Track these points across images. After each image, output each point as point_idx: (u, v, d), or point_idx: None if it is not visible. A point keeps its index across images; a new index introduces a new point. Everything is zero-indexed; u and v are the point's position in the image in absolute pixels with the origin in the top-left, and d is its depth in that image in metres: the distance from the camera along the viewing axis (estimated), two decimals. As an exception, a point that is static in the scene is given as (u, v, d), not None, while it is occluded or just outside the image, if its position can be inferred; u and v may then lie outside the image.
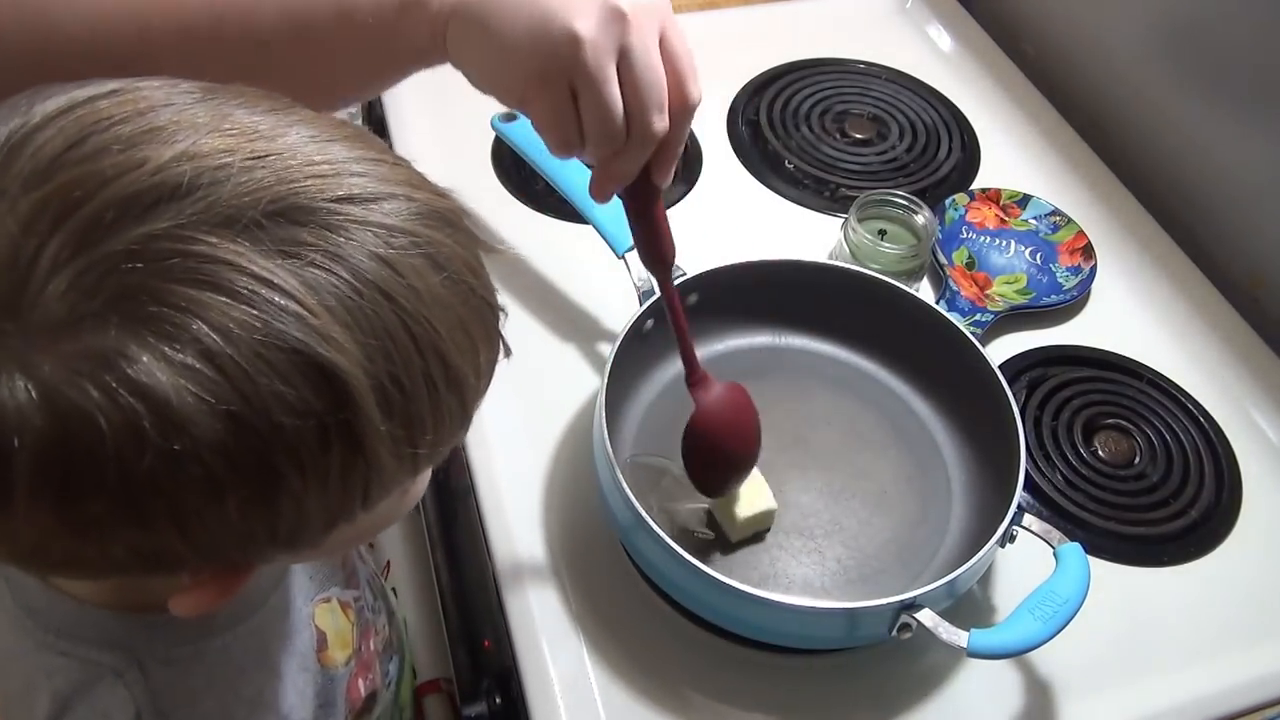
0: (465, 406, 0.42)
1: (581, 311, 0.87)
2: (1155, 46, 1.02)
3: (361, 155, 0.40)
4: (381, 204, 0.39)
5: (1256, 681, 0.70)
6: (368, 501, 0.41)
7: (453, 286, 0.40)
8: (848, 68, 1.14)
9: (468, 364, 0.41)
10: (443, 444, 0.42)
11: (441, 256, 0.40)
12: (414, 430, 0.40)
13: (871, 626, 0.65)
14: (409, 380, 0.39)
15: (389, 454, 0.39)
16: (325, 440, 0.37)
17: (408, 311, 0.38)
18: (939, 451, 0.78)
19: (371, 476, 0.39)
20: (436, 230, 0.40)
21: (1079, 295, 0.91)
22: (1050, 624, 0.61)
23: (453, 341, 0.40)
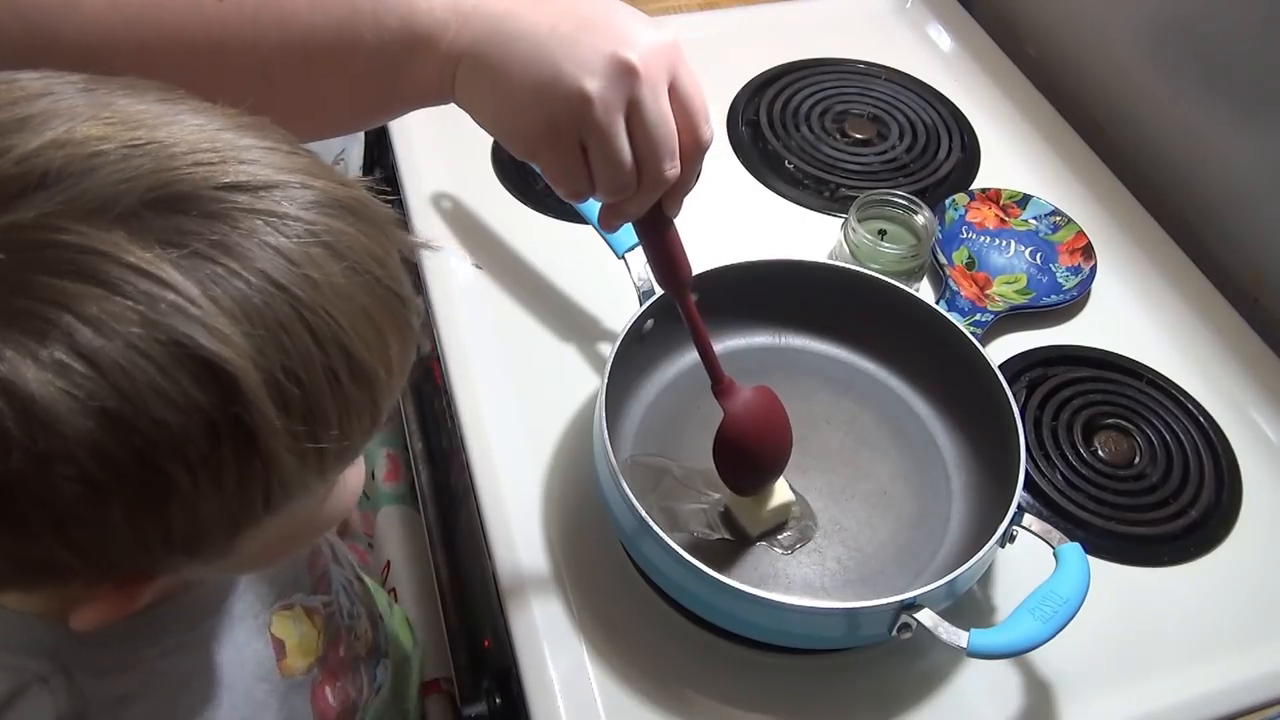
0: (376, 402, 0.41)
1: (581, 311, 0.87)
2: (1155, 46, 1.02)
3: (254, 144, 0.39)
4: (273, 191, 0.38)
5: (1256, 681, 0.70)
6: (270, 504, 0.39)
7: (355, 276, 0.39)
8: (848, 68, 1.14)
9: (375, 357, 0.40)
10: (353, 441, 0.41)
11: (341, 245, 0.39)
12: (316, 426, 0.38)
13: (872, 626, 0.65)
14: (307, 374, 0.37)
15: (288, 451, 0.37)
16: (214, 437, 0.35)
17: (303, 302, 0.37)
18: (939, 451, 0.78)
19: (271, 476, 0.38)
20: (336, 219, 0.39)
21: (1079, 295, 0.91)
22: (1050, 624, 0.61)
23: (356, 334, 0.39)
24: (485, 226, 0.94)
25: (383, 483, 1.04)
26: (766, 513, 0.71)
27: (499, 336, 0.85)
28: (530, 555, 0.72)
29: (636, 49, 0.52)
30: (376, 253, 0.41)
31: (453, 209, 0.95)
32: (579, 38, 0.52)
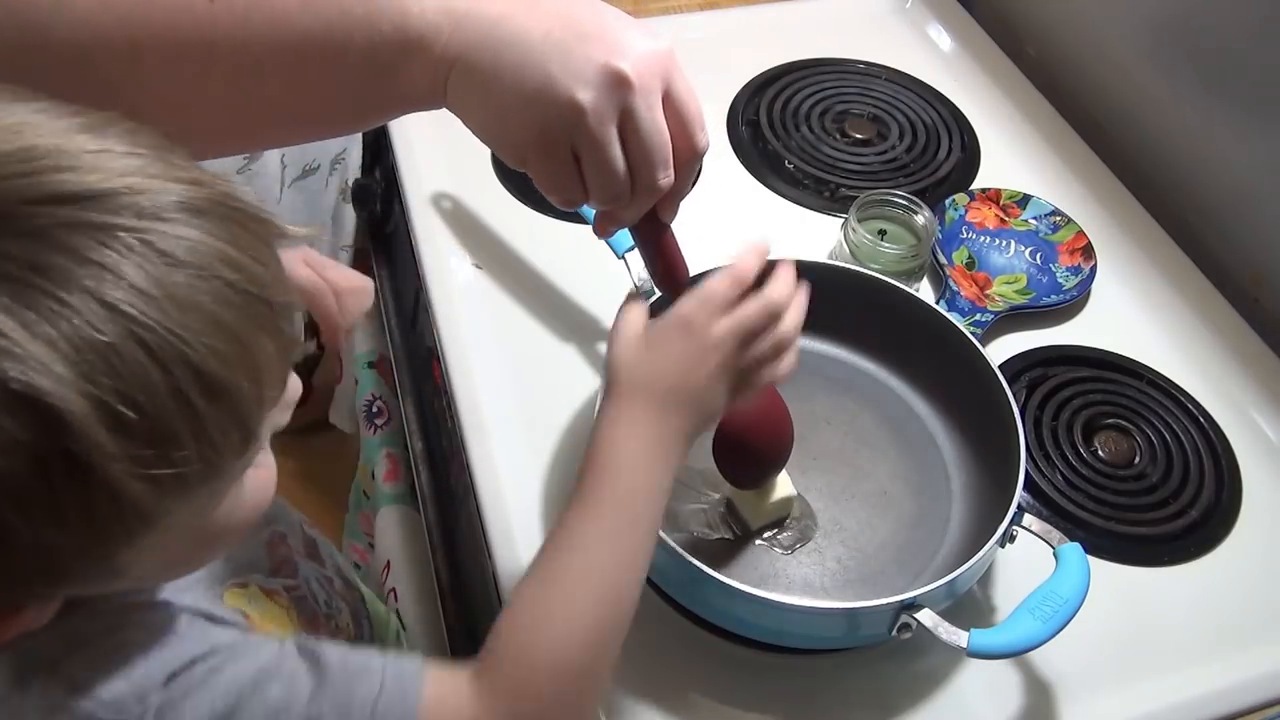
0: (242, 417, 0.39)
1: (581, 311, 0.87)
2: (1155, 46, 1.02)
3: (81, 148, 0.37)
4: (101, 201, 0.36)
5: (1256, 681, 0.70)
6: (132, 533, 0.37)
7: (200, 284, 0.37)
8: (848, 68, 1.14)
9: (233, 370, 0.37)
10: (220, 459, 0.39)
11: (181, 252, 0.36)
12: (167, 449, 0.36)
13: (872, 626, 0.65)
14: (146, 396, 0.35)
15: (134, 479, 0.35)
16: (44, 475, 0.34)
17: (135, 320, 0.35)
18: (939, 452, 0.78)
19: (123, 506, 0.36)
20: (177, 224, 0.37)
21: (1079, 295, 0.91)
22: (1050, 624, 0.61)
23: (205, 347, 0.36)
24: (485, 226, 0.94)
25: (382, 483, 1.04)
26: (769, 505, 0.72)
27: (499, 336, 0.85)
28: (530, 555, 0.71)
29: (629, 58, 0.51)
30: (229, 255, 0.38)
31: (453, 209, 0.95)
32: (572, 46, 0.51)
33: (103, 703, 0.42)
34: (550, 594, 0.52)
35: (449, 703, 0.48)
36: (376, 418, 1.09)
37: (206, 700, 0.43)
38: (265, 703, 0.44)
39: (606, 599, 0.53)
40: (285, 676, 0.46)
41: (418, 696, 0.47)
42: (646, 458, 0.55)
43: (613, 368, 0.57)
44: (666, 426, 0.55)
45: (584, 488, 0.54)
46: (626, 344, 0.57)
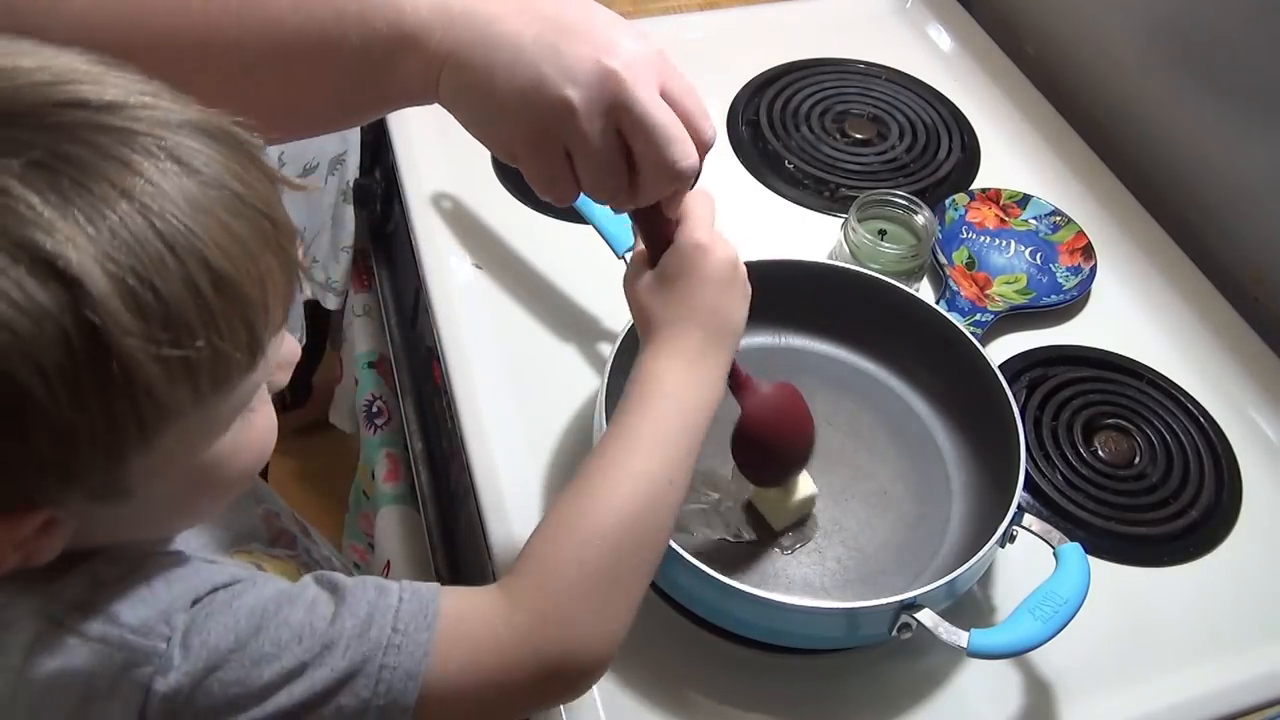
0: (250, 324, 0.41)
1: (582, 311, 0.87)
2: (1155, 46, 1.02)
3: (104, 72, 0.39)
4: (120, 110, 0.38)
5: (1256, 681, 0.70)
6: (144, 423, 0.39)
7: (212, 191, 0.39)
8: (848, 68, 1.14)
9: (241, 272, 0.39)
10: (225, 364, 0.40)
11: (196, 161, 0.39)
12: (180, 335, 0.38)
13: (872, 626, 0.65)
14: (162, 280, 0.37)
15: (150, 360, 0.37)
16: (66, 343, 0.35)
17: (151, 209, 0.37)
18: (939, 451, 0.78)
19: (135, 387, 0.37)
20: (188, 137, 0.39)
21: (1079, 295, 0.91)
22: (1050, 624, 0.61)
23: (216, 245, 0.38)
24: (485, 226, 0.94)
25: (383, 483, 1.04)
26: (792, 505, 0.72)
27: (499, 337, 0.85)
28: (530, 555, 0.72)
29: (621, 57, 0.52)
30: (238, 171, 0.41)
31: (453, 209, 0.95)
32: (562, 45, 0.52)
33: (131, 627, 0.43)
34: (581, 506, 0.53)
35: (471, 612, 0.49)
36: (376, 418, 1.09)
37: (230, 621, 0.44)
38: (288, 624, 0.45)
39: (640, 512, 0.53)
40: (307, 600, 0.47)
41: (436, 608, 0.48)
42: (687, 379, 0.57)
43: (642, 311, 0.59)
44: (705, 348, 0.58)
45: (623, 408, 0.56)
46: (646, 287, 0.59)
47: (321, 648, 0.45)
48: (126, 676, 0.43)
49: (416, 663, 0.46)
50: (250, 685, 0.44)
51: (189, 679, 0.43)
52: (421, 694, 0.46)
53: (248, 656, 0.44)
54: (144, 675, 0.43)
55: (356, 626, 0.46)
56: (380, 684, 0.45)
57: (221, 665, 0.43)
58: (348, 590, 0.48)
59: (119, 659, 0.43)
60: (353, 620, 0.46)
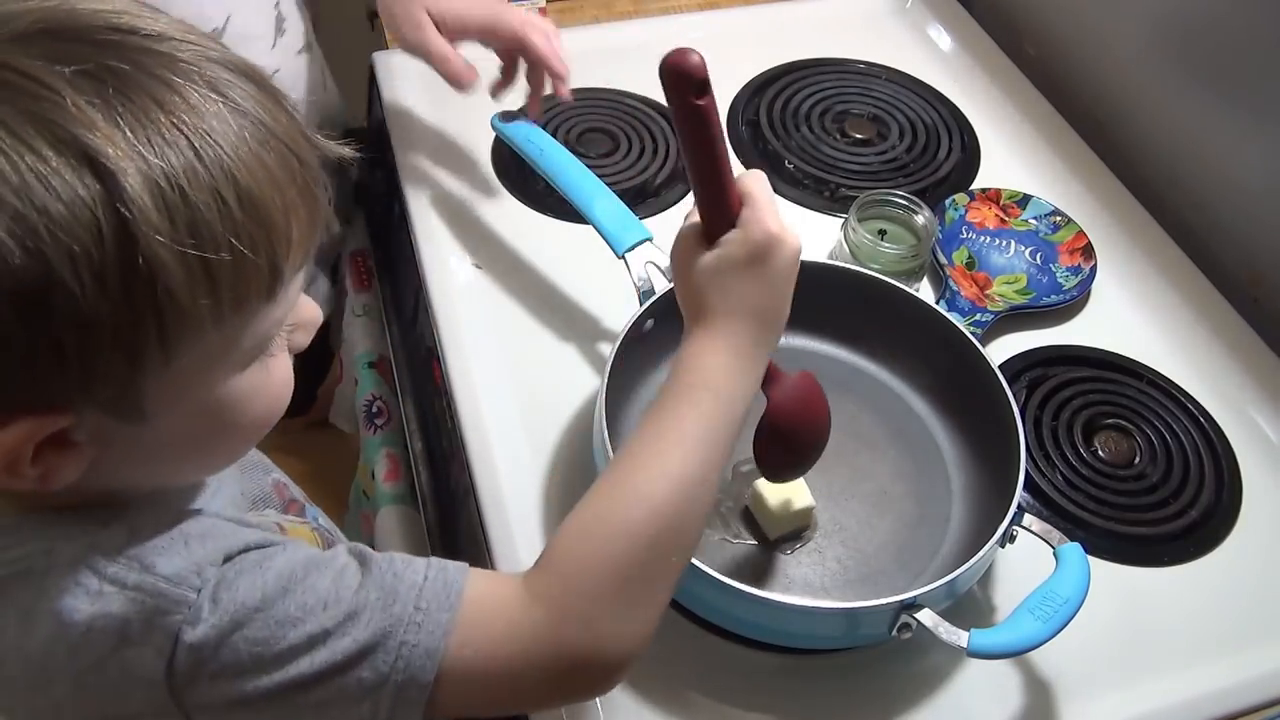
0: (271, 246, 0.42)
1: (582, 311, 0.87)
2: (1155, 46, 1.02)
3: (155, 13, 0.42)
4: (167, 41, 0.41)
5: (1257, 681, 0.70)
6: (164, 330, 0.40)
7: (244, 120, 0.41)
8: (848, 68, 1.14)
9: (267, 193, 0.41)
10: (245, 281, 0.42)
11: (233, 93, 0.41)
12: (203, 242, 0.39)
13: (872, 626, 0.65)
14: (192, 188, 0.39)
15: (174, 260, 0.39)
16: (98, 232, 0.37)
17: (186, 124, 0.39)
18: (939, 452, 0.78)
19: (159, 289, 0.39)
20: (227, 73, 0.42)
21: (1079, 295, 0.91)
22: (1050, 624, 0.61)
23: (244, 164, 0.40)
24: (485, 226, 0.94)
25: (383, 483, 1.03)
26: (788, 515, 0.71)
27: (499, 337, 0.85)
28: (530, 556, 0.72)
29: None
30: (270, 108, 0.43)
31: (453, 209, 0.95)
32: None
33: (165, 576, 0.44)
34: (615, 503, 0.52)
35: (494, 596, 0.49)
36: (377, 418, 1.09)
37: (259, 580, 0.45)
38: (314, 589, 0.46)
39: (675, 513, 0.52)
40: (336, 567, 0.47)
41: (461, 588, 0.48)
42: (734, 376, 0.56)
43: (697, 292, 0.57)
44: (757, 345, 0.57)
45: (664, 400, 0.55)
46: (708, 268, 0.57)
47: (345, 616, 0.46)
48: (159, 623, 0.44)
49: (436, 641, 0.46)
50: (273, 646, 0.45)
51: (216, 632, 0.44)
52: (443, 671, 0.46)
53: (273, 617, 0.45)
54: (174, 623, 0.44)
55: (381, 599, 0.46)
56: (400, 659, 0.46)
57: (247, 623, 0.44)
58: (375, 562, 0.48)
59: (151, 605, 0.44)
60: (378, 592, 0.47)
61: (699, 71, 0.52)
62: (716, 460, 0.54)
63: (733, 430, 0.55)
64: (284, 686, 0.45)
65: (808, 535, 0.73)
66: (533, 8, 1.13)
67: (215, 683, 0.44)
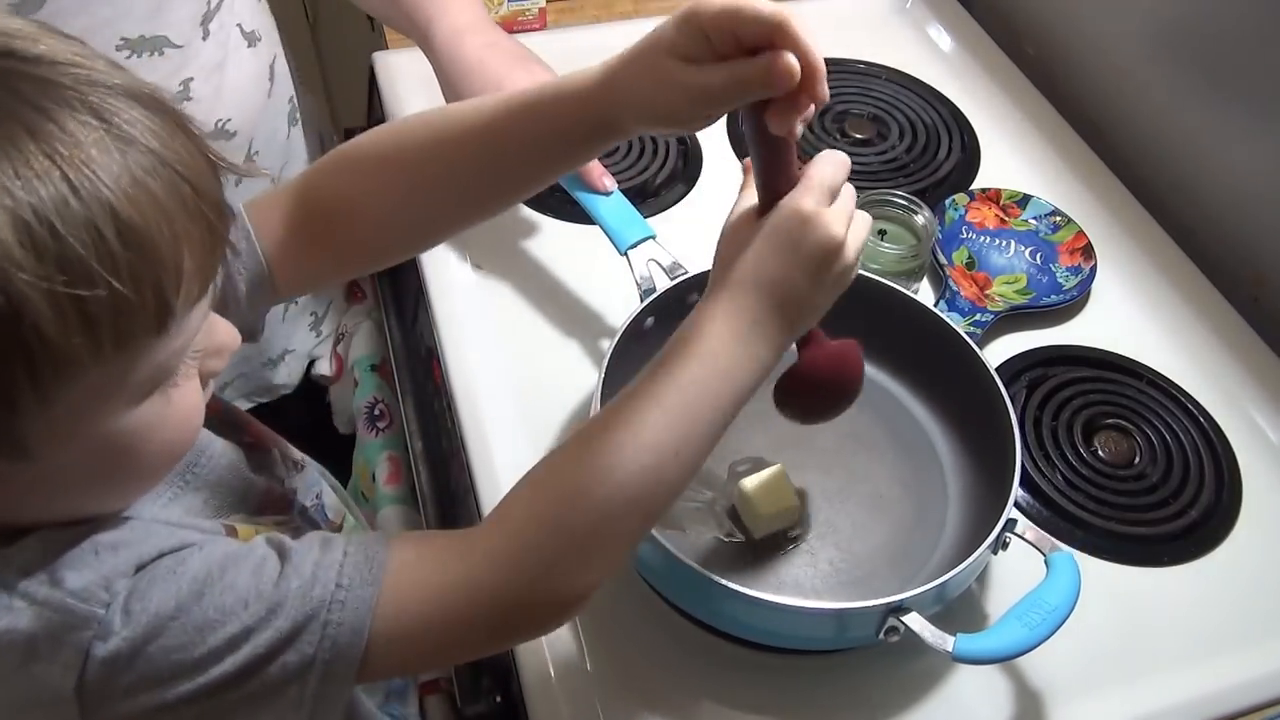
0: (157, 278, 0.40)
1: (582, 311, 0.87)
2: (1155, 46, 1.02)
3: (40, 32, 0.40)
4: (48, 65, 0.39)
5: (1256, 681, 0.70)
6: (35, 369, 0.38)
7: (128, 147, 0.39)
8: (848, 68, 1.14)
9: (152, 228, 0.39)
10: (127, 319, 0.39)
11: (119, 119, 0.39)
12: (76, 278, 0.37)
13: (859, 628, 0.65)
14: (64, 222, 0.37)
15: (40, 297, 0.36)
16: None
17: (60, 154, 0.37)
18: (935, 455, 0.78)
19: (24, 327, 0.37)
20: (116, 99, 0.40)
21: (1079, 295, 0.91)
22: (1037, 631, 0.61)
23: (125, 195, 0.38)
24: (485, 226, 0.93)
25: (384, 486, 1.03)
26: (773, 514, 0.72)
27: (499, 336, 0.85)
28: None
29: None
30: (162, 136, 0.41)
31: (452, 209, 0.95)
32: None
33: (72, 591, 0.43)
34: (579, 467, 0.50)
35: (427, 559, 0.48)
36: (378, 420, 1.09)
37: (173, 587, 0.44)
38: (233, 588, 0.45)
39: (639, 485, 0.50)
40: (254, 561, 0.47)
41: (384, 559, 0.47)
42: (729, 349, 0.52)
43: (721, 257, 0.55)
44: (762, 322, 0.53)
45: (652, 368, 0.52)
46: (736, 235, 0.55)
47: (267, 611, 0.45)
48: (67, 639, 0.43)
49: (360, 617, 0.46)
50: (192, 652, 0.44)
51: (129, 645, 0.43)
52: (372, 641, 0.46)
53: (190, 623, 0.44)
54: (84, 639, 0.43)
55: (301, 586, 0.46)
56: (325, 639, 0.46)
57: (163, 632, 0.44)
58: (294, 550, 0.47)
59: (59, 621, 0.43)
60: (298, 580, 0.46)
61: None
62: (693, 434, 0.51)
63: (724, 405, 0.52)
64: (207, 689, 0.44)
65: (798, 535, 0.73)
66: (533, 8, 1.13)
67: (132, 695, 0.44)
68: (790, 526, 0.73)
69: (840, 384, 0.65)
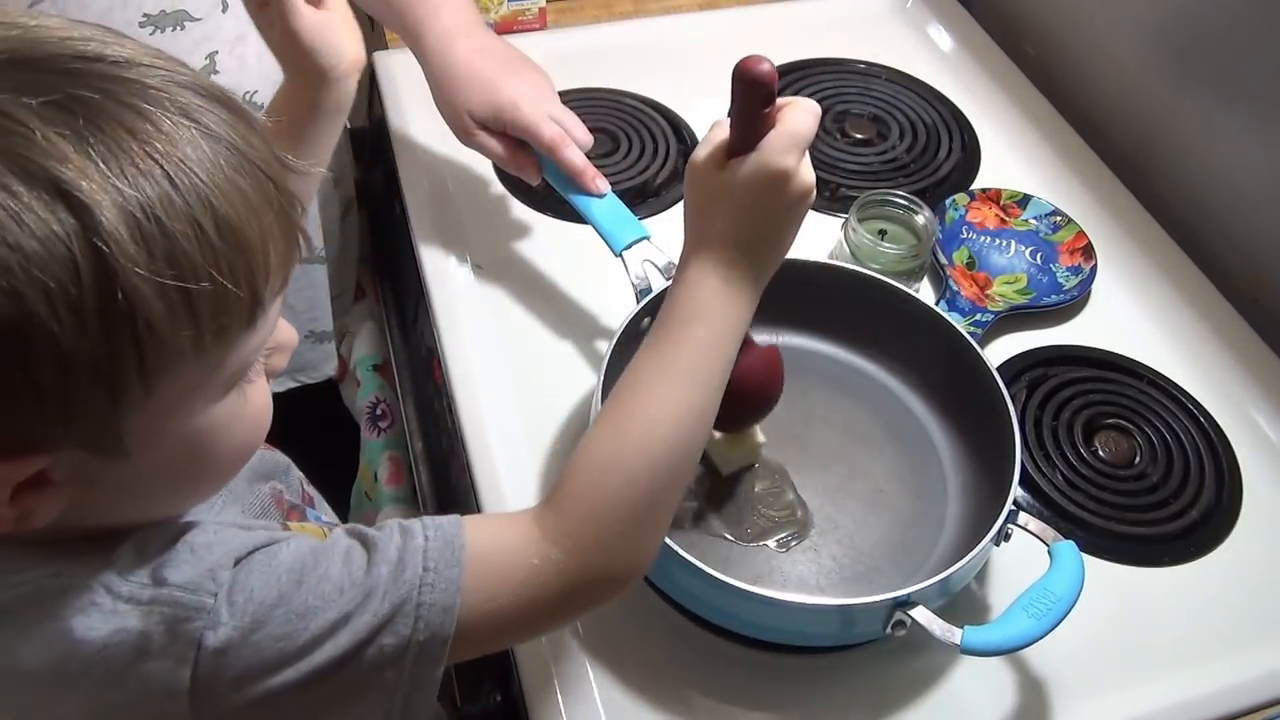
0: (251, 273, 0.41)
1: (581, 311, 0.87)
2: (1155, 46, 1.02)
3: (119, 38, 0.42)
4: (135, 67, 0.40)
5: (1256, 681, 0.70)
6: (144, 363, 0.39)
7: (218, 146, 0.41)
8: (848, 68, 1.14)
9: (245, 219, 0.41)
10: (226, 311, 0.41)
11: (206, 119, 0.41)
12: (183, 272, 0.39)
13: (866, 624, 0.65)
14: (169, 218, 0.38)
15: (154, 293, 0.38)
16: (74, 268, 0.36)
17: (160, 152, 0.39)
18: (935, 450, 0.78)
19: (138, 321, 0.38)
20: (197, 98, 0.41)
21: (1079, 295, 0.91)
22: (1044, 621, 0.61)
23: (220, 191, 0.40)
24: (485, 226, 0.94)
25: (385, 486, 1.04)
26: (739, 452, 0.74)
27: (499, 336, 0.85)
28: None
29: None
30: (242, 132, 0.42)
31: (453, 209, 0.95)
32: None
33: (178, 585, 0.45)
34: (621, 440, 0.54)
35: (502, 544, 0.51)
36: (380, 420, 1.09)
37: (272, 577, 0.46)
38: (328, 577, 0.47)
39: (678, 446, 0.54)
40: (341, 551, 0.48)
41: (462, 542, 0.49)
42: (729, 306, 0.56)
43: (701, 208, 0.58)
44: (755, 277, 0.57)
45: (657, 336, 0.56)
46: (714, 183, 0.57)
47: (363, 596, 0.47)
48: (180, 631, 0.44)
49: (450, 597, 0.48)
50: (297, 639, 0.45)
51: (238, 633, 0.44)
52: (460, 620, 0.48)
53: (293, 610, 0.45)
54: (195, 630, 0.44)
55: (390, 571, 0.47)
56: (419, 620, 0.47)
57: (268, 620, 0.45)
58: (377, 538, 0.49)
59: (170, 615, 0.44)
60: (387, 566, 0.48)
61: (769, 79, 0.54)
62: (712, 390, 0.56)
63: (727, 361, 0.57)
64: (310, 676, 0.45)
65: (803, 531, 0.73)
66: (533, 7, 1.13)
67: (239, 686, 0.45)
68: (754, 463, 0.75)
69: (769, 391, 0.71)
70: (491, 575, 0.50)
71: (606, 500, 0.52)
